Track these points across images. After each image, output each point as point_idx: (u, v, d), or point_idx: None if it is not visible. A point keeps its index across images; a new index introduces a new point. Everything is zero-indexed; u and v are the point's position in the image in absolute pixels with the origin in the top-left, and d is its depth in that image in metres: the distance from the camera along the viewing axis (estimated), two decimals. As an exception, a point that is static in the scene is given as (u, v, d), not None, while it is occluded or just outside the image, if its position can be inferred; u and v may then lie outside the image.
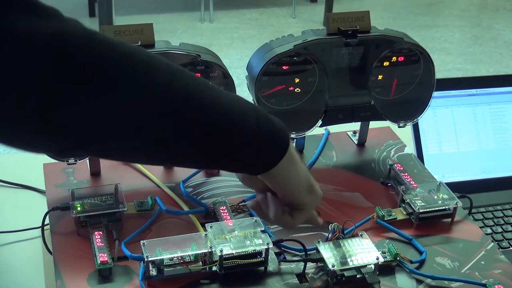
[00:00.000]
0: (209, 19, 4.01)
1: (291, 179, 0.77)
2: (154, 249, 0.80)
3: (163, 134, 0.65)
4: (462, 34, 4.07)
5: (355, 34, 1.01)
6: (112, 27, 0.91)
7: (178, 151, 0.69)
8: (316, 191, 0.81)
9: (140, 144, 0.66)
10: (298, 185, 0.77)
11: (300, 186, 0.78)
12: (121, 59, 0.61)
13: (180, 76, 0.66)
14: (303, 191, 0.79)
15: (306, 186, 0.79)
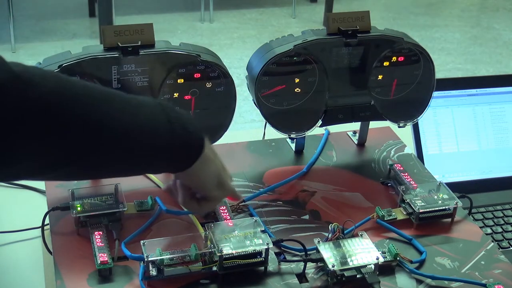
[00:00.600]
0: (209, 19, 4.01)
1: (200, 177, 0.81)
2: (154, 249, 0.80)
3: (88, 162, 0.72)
4: (462, 34, 4.07)
5: (355, 34, 1.01)
6: (112, 27, 0.91)
7: (102, 172, 0.79)
8: (226, 187, 0.85)
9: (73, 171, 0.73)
10: (207, 182, 0.82)
11: (209, 183, 0.82)
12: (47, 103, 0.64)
13: (97, 107, 0.69)
14: (211, 187, 0.83)
15: (215, 182, 0.83)
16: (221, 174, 0.83)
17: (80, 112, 0.66)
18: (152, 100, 0.77)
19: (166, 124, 0.74)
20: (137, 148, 0.73)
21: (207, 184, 0.82)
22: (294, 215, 0.96)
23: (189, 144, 0.77)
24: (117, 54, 0.91)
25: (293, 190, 1.02)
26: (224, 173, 0.84)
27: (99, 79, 0.92)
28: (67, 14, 3.98)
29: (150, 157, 0.75)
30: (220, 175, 0.83)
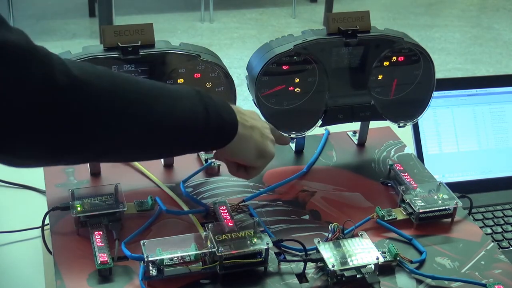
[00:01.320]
0: (209, 19, 4.01)
1: (238, 154, 0.87)
2: (154, 249, 0.80)
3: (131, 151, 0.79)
4: (462, 34, 4.07)
5: (355, 34, 1.01)
6: (112, 27, 0.91)
7: (137, 155, 0.85)
8: (267, 154, 0.90)
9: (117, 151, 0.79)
10: (246, 156, 0.88)
11: (248, 157, 0.88)
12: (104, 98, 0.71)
13: (146, 104, 0.76)
14: (252, 159, 0.88)
15: (254, 155, 0.88)
16: (260, 145, 0.88)
17: (130, 109, 0.73)
18: (192, 90, 0.82)
19: (203, 112, 0.80)
20: (176, 137, 0.80)
21: (247, 159, 0.88)
22: (294, 215, 0.96)
23: (223, 129, 0.83)
24: (117, 54, 0.91)
25: (293, 190, 1.02)
26: (264, 143, 0.89)
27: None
28: (67, 14, 3.98)
29: (187, 142, 0.82)
30: (259, 147, 0.88)
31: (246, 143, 0.86)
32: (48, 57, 0.66)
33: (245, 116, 0.87)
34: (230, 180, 1.02)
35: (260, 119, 0.92)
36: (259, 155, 0.88)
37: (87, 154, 0.74)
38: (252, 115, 0.90)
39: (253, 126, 0.87)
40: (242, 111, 0.88)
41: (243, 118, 0.86)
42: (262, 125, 0.90)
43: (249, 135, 0.86)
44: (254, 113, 0.91)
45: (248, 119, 0.87)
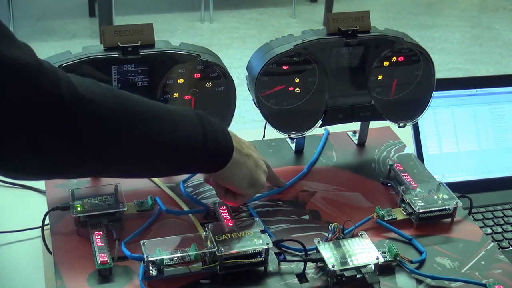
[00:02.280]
0: (209, 19, 4.00)
1: (231, 179, 0.88)
2: (154, 249, 0.80)
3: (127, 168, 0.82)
4: (462, 34, 4.07)
5: (355, 34, 1.01)
6: (112, 27, 0.91)
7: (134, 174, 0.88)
8: (258, 184, 0.91)
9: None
10: (238, 183, 0.89)
11: (240, 184, 0.89)
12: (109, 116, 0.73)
13: (146, 125, 0.78)
14: (244, 186, 0.89)
15: (246, 183, 0.89)
16: (253, 174, 0.89)
17: (130, 129, 0.75)
18: (192, 112, 0.84)
19: (201, 136, 0.82)
20: (173, 158, 0.82)
21: (238, 185, 0.89)
22: (294, 215, 0.96)
23: (219, 153, 0.85)
24: (117, 54, 0.91)
25: (293, 190, 1.02)
26: (257, 172, 0.90)
27: (99, 79, 0.91)
28: (67, 14, 3.98)
29: (184, 163, 0.84)
30: (252, 176, 0.89)
31: (239, 169, 0.87)
32: (54, 73, 0.67)
33: (242, 144, 0.89)
34: (230, 180, 1.02)
35: (257, 151, 0.93)
36: (250, 184, 0.90)
37: (86, 168, 0.77)
38: (249, 145, 0.92)
39: (249, 154, 0.89)
40: (240, 139, 0.90)
41: (240, 144, 0.88)
42: (258, 156, 0.92)
43: (244, 162, 0.88)
44: (251, 144, 0.93)
45: (245, 147, 0.89)
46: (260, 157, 0.93)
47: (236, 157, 0.86)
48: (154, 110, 0.80)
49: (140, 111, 0.78)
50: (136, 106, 0.78)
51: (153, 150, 0.79)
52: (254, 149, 0.92)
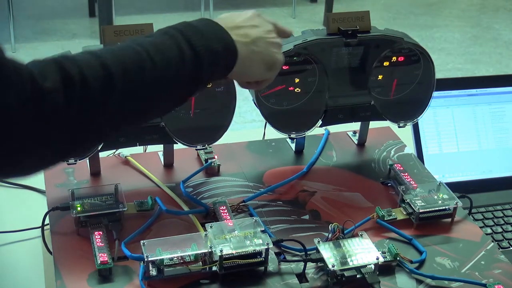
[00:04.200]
0: (209, 19, 4.01)
1: (246, 73, 0.83)
2: (154, 249, 0.80)
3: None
4: (462, 34, 4.07)
5: (355, 34, 1.01)
6: (112, 27, 0.91)
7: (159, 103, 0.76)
8: (277, 63, 0.85)
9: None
10: (254, 74, 0.84)
11: (257, 73, 0.84)
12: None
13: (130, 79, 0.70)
14: (261, 74, 0.84)
15: (263, 69, 0.83)
16: (267, 59, 0.83)
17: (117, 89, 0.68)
18: (170, 37, 0.74)
19: (192, 56, 0.74)
20: (177, 91, 0.76)
21: (255, 76, 0.84)
22: (294, 215, 0.96)
23: (220, 61, 0.77)
24: (117, 54, 0.91)
25: (293, 190, 1.02)
26: (270, 54, 0.83)
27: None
28: (67, 14, 3.98)
29: (189, 84, 0.77)
30: (266, 61, 0.83)
31: (250, 63, 0.81)
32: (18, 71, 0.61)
33: (244, 29, 0.81)
34: (230, 180, 1.02)
35: (262, 21, 0.84)
36: (268, 69, 0.84)
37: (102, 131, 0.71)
38: (251, 21, 0.83)
39: (255, 39, 0.81)
40: (239, 23, 0.81)
41: (242, 33, 0.80)
42: (264, 31, 0.83)
43: (253, 52, 0.81)
44: (253, 16, 0.84)
45: (249, 32, 0.81)
46: (267, 28, 0.84)
47: (242, 52, 0.79)
48: (137, 60, 0.71)
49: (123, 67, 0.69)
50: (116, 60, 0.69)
51: (147, 99, 0.72)
52: (258, 22, 0.83)
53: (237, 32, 0.79)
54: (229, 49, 0.78)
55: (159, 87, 0.73)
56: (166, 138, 0.98)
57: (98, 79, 0.66)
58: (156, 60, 0.72)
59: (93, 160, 0.99)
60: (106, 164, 1.02)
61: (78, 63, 0.66)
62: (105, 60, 0.68)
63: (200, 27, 0.77)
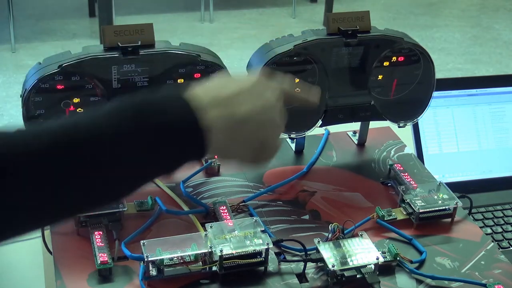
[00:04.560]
0: (209, 19, 4.01)
1: (229, 157, 0.69)
2: (154, 249, 0.80)
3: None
4: (462, 34, 4.07)
5: (355, 34, 1.01)
6: (112, 27, 0.91)
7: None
8: (271, 148, 0.69)
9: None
10: (239, 159, 0.69)
11: (243, 159, 0.69)
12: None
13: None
14: (249, 159, 0.69)
15: (250, 155, 0.68)
16: (255, 143, 0.67)
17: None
18: (124, 116, 0.61)
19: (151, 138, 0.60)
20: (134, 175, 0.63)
21: (242, 161, 0.69)
22: (294, 215, 0.96)
23: (178, 145, 0.62)
24: (117, 54, 0.91)
25: (293, 190, 1.02)
26: (264, 134, 0.67)
27: (99, 79, 0.92)
28: (67, 14, 3.98)
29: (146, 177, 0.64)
30: (255, 146, 0.67)
31: (233, 145, 0.65)
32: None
33: (231, 107, 0.64)
34: (230, 180, 1.02)
35: (264, 92, 0.67)
36: (257, 154, 0.69)
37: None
38: (247, 94, 0.65)
39: (245, 119, 0.65)
40: (228, 96, 0.64)
41: (226, 111, 0.64)
42: (261, 107, 0.66)
43: (237, 134, 0.65)
44: (253, 85, 0.67)
45: (237, 109, 0.64)
46: (269, 104, 0.66)
47: (221, 134, 0.63)
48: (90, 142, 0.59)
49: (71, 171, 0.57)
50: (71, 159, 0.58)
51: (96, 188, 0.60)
52: (257, 97, 0.66)
53: (220, 110, 0.63)
54: (191, 132, 0.62)
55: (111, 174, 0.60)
56: (166, 138, 0.98)
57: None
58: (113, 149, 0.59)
59: (93, 160, 0.99)
60: (106, 164, 1.02)
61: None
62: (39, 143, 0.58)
63: (160, 105, 0.62)
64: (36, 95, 0.90)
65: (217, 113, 0.63)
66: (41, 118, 0.91)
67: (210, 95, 0.64)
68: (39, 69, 0.90)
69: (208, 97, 0.63)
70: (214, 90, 0.65)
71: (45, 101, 0.91)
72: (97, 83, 0.92)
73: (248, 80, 0.68)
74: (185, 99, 0.62)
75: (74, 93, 0.92)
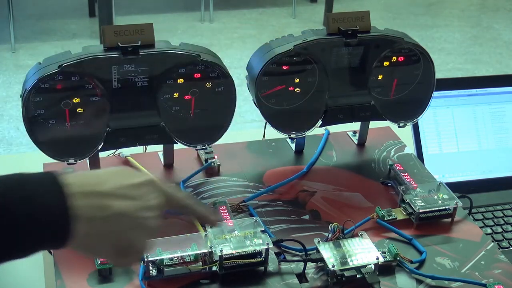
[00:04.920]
0: (209, 19, 4.01)
1: (90, 252, 0.66)
2: (154, 249, 0.80)
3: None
4: (462, 34, 4.07)
5: (355, 34, 1.01)
6: (112, 27, 0.91)
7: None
8: (134, 251, 0.66)
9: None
10: (100, 255, 0.69)
11: (104, 256, 0.69)
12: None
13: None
14: (110, 258, 0.68)
15: (112, 253, 0.65)
16: (120, 242, 0.64)
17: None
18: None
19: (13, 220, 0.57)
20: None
21: (103, 258, 0.70)
22: (294, 215, 0.96)
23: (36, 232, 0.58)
24: (117, 54, 0.91)
25: (293, 190, 1.02)
26: (130, 236, 0.64)
27: (99, 79, 0.92)
28: (67, 14, 3.98)
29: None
30: (119, 245, 0.64)
31: (96, 240, 0.62)
32: None
33: (107, 200, 0.62)
34: (230, 180, 1.02)
35: (148, 193, 0.65)
36: (119, 253, 0.65)
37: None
38: (128, 190, 0.64)
39: (117, 215, 0.62)
40: (107, 190, 0.62)
41: (99, 204, 0.61)
42: (138, 207, 0.64)
43: (104, 229, 0.62)
44: (139, 184, 0.65)
45: (112, 204, 0.62)
46: (147, 206, 0.64)
47: (85, 227, 0.59)
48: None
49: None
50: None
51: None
52: (138, 196, 0.64)
53: (94, 201, 0.61)
54: (57, 219, 0.58)
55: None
56: (166, 138, 0.98)
57: None
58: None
59: (93, 160, 0.99)
60: (106, 164, 1.02)
61: None
62: None
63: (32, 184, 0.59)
64: (36, 95, 0.90)
65: (89, 204, 0.60)
66: (41, 118, 0.91)
67: (93, 185, 0.62)
68: (39, 69, 0.90)
69: (89, 187, 0.61)
70: (91, 180, 0.63)
71: (45, 101, 0.91)
72: (97, 83, 0.92)
73: (140, 178, 0.66)
74: (59, 183, 0.59)
75: (74, 93, 0.92)
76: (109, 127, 0.95)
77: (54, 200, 0.58)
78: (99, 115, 0.94)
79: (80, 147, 0.95)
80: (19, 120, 2.65)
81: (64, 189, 0.59)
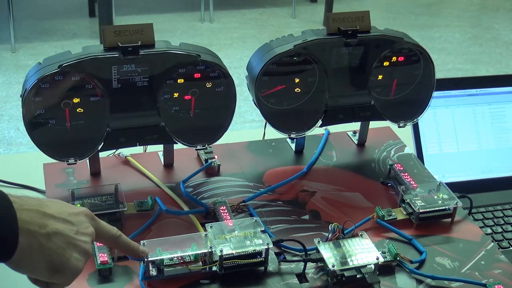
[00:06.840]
0: (209, 19, 4.00)
1: (24, 268, 0.68)
2: (154, 249, 0.80)
3: None
4: (462, 34, 4.07)
5: (355, 34, 1.01)
6: (112, 27, 0.91)
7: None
8: (68, 270, 0.68)
9: None
10: (33, 272, 0.68)
11: (36, 273, 0.68)
12: None
13: None
14: (42, 275, 0.68)
15: (44, 269, 0.67)
16: (54, 259, 0.66)
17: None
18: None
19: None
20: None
21: (36, 275, 0.69)
22: (294, 215, 0.96)
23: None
24: (117, 54, 0.91)
25: (293, 190, 1.02)
26: (64, 255, 0.67)
27: (99, 79, 0.92)
28: (67, 14, 3.98)
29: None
30: (52, 262, 0.66)
31: (31, 256, 0.65)
32: None
33: (48, 220, 0.66)
34: (230, 180, 1.02)
35: (83, 223, 0.70)
36: (51, 270, 0.67)
37: None
38: (69, 216, 0.69)
39: (54, 233, 0.66)
40: (52, 213, 0.67)
41: (41, 223, 0.65)
42: (75, 231, 0.69)
43: (40, 246, 0.65)
44: (78, 213, 0.70)
45: (51, 224, 0.66)
46: (82, 231, 0.69)
47: (25, 241, 0.63)
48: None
49: None
50: None
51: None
52: (74, 222, 0.69)
53: (36, 217, 0.65)
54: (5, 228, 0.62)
55: None
56: (166, 138, 0.98)
57: None
58: None
59: (93, 160, 0.99)
60: (106, 164, 1.02)
61: None
62: None
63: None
64: (36, 95, 0.90)
65: (32, 222, 0.65)
66: (41, 118, 0.91)
67: (42, 206, 0.67)
68: (39, 69, 0.90)
69: (27, 205, 0.65)
70: (35, 202, 0.67)
71: (45, 101, 0.91)
72: (97, 83, 0.92)
73: (79, 209, 0.72)
74: (7, 199, 0.64)
75: (74, 93, 0.92)
76: (109, 127, 0.95)
77: (3, 210, 0.62)
78: (99, 115, 0.94)
79: (80, 147, 0.95)
80: (19, 120, 2.65)
81: (13, 203, 0.64)
